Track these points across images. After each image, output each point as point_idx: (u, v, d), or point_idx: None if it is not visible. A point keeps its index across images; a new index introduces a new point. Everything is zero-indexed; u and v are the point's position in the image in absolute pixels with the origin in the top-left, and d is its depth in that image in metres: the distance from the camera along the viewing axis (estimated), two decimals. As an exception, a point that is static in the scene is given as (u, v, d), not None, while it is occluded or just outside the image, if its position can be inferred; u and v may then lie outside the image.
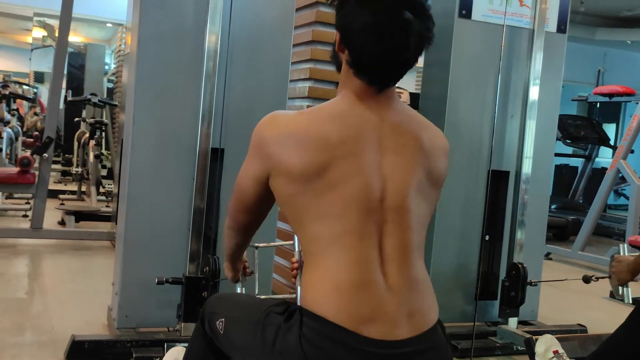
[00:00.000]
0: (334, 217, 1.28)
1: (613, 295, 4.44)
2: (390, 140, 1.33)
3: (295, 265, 1.76)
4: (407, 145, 1.35)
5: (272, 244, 2.07)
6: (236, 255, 1.69)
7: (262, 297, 1.87)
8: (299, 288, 1.76)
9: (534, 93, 3.17)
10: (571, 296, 4.45)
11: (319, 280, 1.27)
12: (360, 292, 1.24)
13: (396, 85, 1.40)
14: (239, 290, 1.88)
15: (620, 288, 2.53)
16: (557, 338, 2.76)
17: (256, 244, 1.96)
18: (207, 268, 2.57)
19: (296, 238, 1.71)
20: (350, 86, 1.37)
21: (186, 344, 1.70)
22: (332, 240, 1.27)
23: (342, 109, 1.35)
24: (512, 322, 3.17)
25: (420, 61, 3.79)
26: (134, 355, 2.51)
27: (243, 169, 1.42)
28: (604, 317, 3.94)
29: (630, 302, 2.56)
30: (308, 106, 3.33)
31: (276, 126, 1.34)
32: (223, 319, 1.45)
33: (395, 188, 1.31)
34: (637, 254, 2.47)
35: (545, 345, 2.72)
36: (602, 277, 2.77)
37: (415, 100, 4.92)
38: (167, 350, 2.32)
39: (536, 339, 2.78)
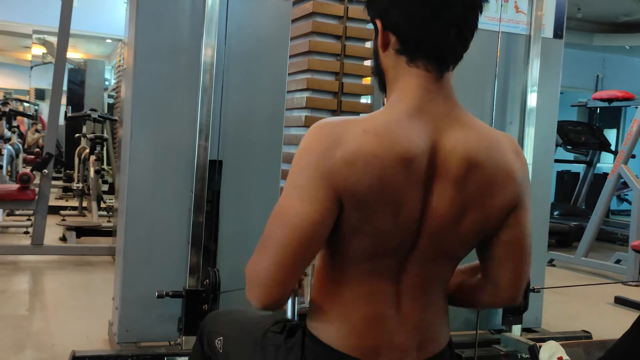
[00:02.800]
0: (359, 252, 1.15)
1: (618, 301, 4.43)
2: (445, 166, 1.12)
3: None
4: (465, 173, 1.13)
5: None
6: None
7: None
8: (296, 299, 1.72)
9: (532, 99, 3.17)
10: (575, 302, 4.42)
11: (327, 308, 1.19)
12: (369, 326, 1.17)
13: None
14: (290, 303, 1.71)
15: None
16: (561, 345, 2.74)
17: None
18: (207, 281, 2.55)
19: None
20: (402, 85, 1.17)
21: (187, 358, 1.68)
22: (351, 274, 1.17)
23: (392, 122, 1.12)
24: (516, 329, 3.14)
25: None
26: (135, 370, 2.49)
27: (299, 207, 1.10)
28: (609, 323, 3.91)
29: None
30: (306, 117, 3.33)
31: (343, 143, 1.09)
32: (221, 338, 1.42)
33: (433, 231, 1.14)
34: None
35: (550, 352, 2.69)
36: None
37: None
38: (167, 365, 2.31)
39: (540, 346, 2.75)
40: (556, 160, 3.61)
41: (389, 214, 1.11)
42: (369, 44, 3.52)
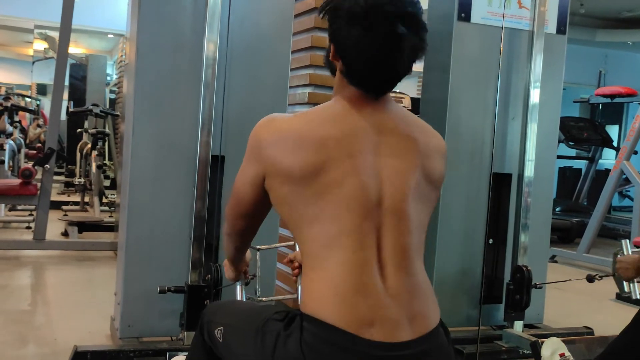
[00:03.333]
0: (330, 219, 1.27)
1: (619, 297, 4.42)
2: (386, 142, 1.33)
3: (296, 264, 1.75)
4: (404, 147, 1.34)
5: (273, 245, 2.07)
6: (236, 258, 1.69)
7: (263, 299, 1.86)
8: (299, 288, 1.75)
9: (534, 95, 3.16)
10: (577, 299, 4.42)
11: (317, 283, 1.26)
12: (359, 296, 1.23)
13: (397, 90, 1.41)
14: (238, 292, 1.87)
15: (626, 285, 2.53)
16: (563, 341, 2.74)
17: (257, 246, 1.95)
18: (209, 276, 2.55)
19: None
20: (344, 92, 1.37)
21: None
22: (329, 243, 1.26)
23: (338, 112, 1.35)
24: (518, 325, 3.14)
25: (420, 66, 3.76)
26: (137, 366, 2.50)
27: (240, 173, 1.42)
28: (610, 319, 3.91)
29: (639, 296, 2.54)
30: (308, 112, 3.32)
31: (273, 128, 1.34)
32: (221, 328, 1.44)
33: (392, 191, 1.30)
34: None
35: (552, 349, 2.70)
36: (606, 276, 2.76)
37: (416, 104, 4.91)
38: (169, 360, 2.31)
39: (542, 342, 2.75)
40: (558, 157, 3.60)
41: (344, 171, 1.27)
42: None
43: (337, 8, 1.32)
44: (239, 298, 1.86)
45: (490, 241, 3.25)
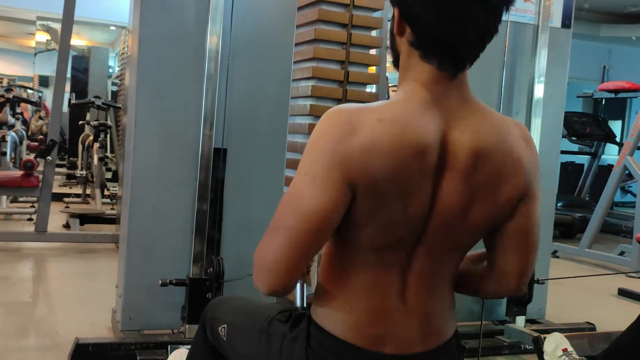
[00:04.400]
0: (381, 229, 1.12)
1: (622, 292, 4.42)
2: (455, 156, 1.11)
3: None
4: (476, 164, 1.11)
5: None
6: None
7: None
8: (298, 285, 1.69)
9: (538, 90, 3.14)
10: (579, 294, 4.41)
11: (333, 298, 1.18)
12: (375, 318, 1.16)
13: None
14: (299, 288, 1.71)
15: None
16: (565, 336, 2.73)
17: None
18: (211, 269, 2.55)
19: None
20: (415, 76, 1.14)
21: (190, 346, 1.68)
22: (359, 264, 1.16)
23: (407, 113, 1.10)
24: (520, 320, 3.14)
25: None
26: (138, 358, 2.49)
27: (311, 193, 1.07)
28: (613, 315, 3.90)
29: None
30: (311, 105, 3.30)
31: (362, 129, 1.07)
32: (225, 325, 1.41)
33: (443, 221, 1.13)
34: None
35: (554, 344, 2.69)
36: None
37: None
38: (170, 353, 2.31)
39: (544, 338, 2.75)
40: (561, 152, 3.58)
41: (400, 204, 1.09)
42: (374, 33, 3.49)
43: None
44: (299, 295, 1.59)
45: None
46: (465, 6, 1.08)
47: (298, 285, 1.56)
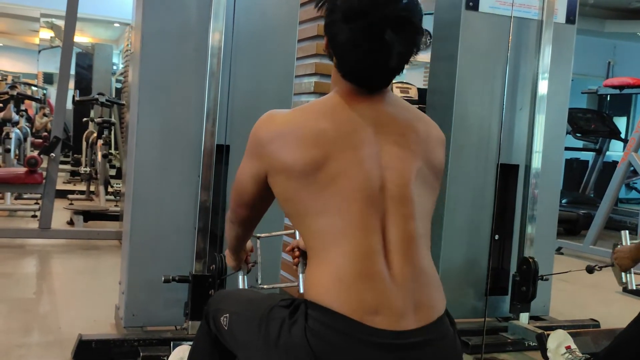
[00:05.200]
0: (336, 211, 1.27)
1: (626, 289, 4.40)
2: (386, 131, 1.34)
3: (297, 253, 1.74)
4: (404, 136, 1.35)
5: (273, 233, 2.06)
6: (237, 246, 1.72)
7: (265, 286, 1.87)
8: (301, 276, 1.75)
9: (542, 86, 3.13)
10: (583, 291, 4.40)
11: (323, 272, 1.26)
12: (364, 283, 1.23)
13: (404, 80, 1.40)
14: (240, 280, 1.88)
15: (623, 275, 2.55)
16: (569, 333, 2.72)
17: (258, 234, 1.95)
18: (214, 266, 2.54)
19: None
20: (340, 85, 1.38)
21: (193, 342, 1.69)
22: (335, 234, 1.26)
23: (335, 104, 1.36)
24: (524, 317, 3.13)
25: (427, 56, 3.72)
26: (141, 354, 2.49)
27: (242, 167, 1.44)
28: (617, 312, 3.89)
29: (634, 287, 2.56)
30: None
31: (273, 125, 1.35)
32: (227, 315, 1.44)
33: (395, 177, 1.30)
34: (638, 241, 2.48)
35: (558, 341, 2.68)
36: (605, 266, 2.76)
37: (423, 95, 4.88)
38: (173, 349, 2.31)
39: (548, 335, 2.74)
40: (565, 148, 3.57)
41: (349, 161, 1.28)
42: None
43: (333, 2, 1.32)
44: (241, 286, 1.87)
45: (496, 237, 3.23)
46: (375, 59, 1.29)
47: (300, 269, 1.73)
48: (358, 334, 1.20)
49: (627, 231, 2.70)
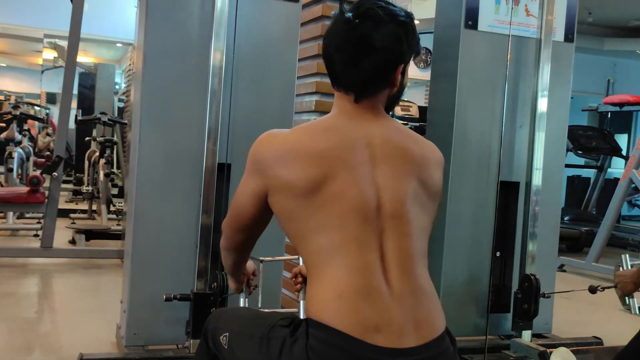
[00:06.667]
0: (333, 228, 1.29)
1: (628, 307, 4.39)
2: (380, 151, 1.37)
3: (299, 279, 1.75)
4: (399, 156, 1.38)
5: (277, 258, 2.06)
6: (236, 270, 1.72)
7: (267, 310, 1.86)
8: (302, 303, 1.75)
9: (542, 103, 3.14)
10: (586, 308, 4.38)
11: (323, 289, 1.27)
12: (364, 299, 1.24)
13: (404, 98, 1.43)
14: (241, 303, 1.87)
15: (626, 299, 2.53)
16: (572, 351, 2.71)
17: (261, 258, 1.95)
18: (215, 284, 2.55)
19: None
20: (339, 103, 1.44)
21: (193, 359, 1.68)
22: (333, 251, 1.27)
23: (334, 124, 1.41)
24: (526, 335, 3.11)
25: (428, 74, 3.75)
26: (142, 374, 2.49)
27: (242, 187, 1.45)
28: (620, 329, 3.87)
29: (637, 312, 2.54)
30: (315, 120, 3.32)
31: (273, 144, 1.37)
32: (227, 334, 1.44)
33: (390, 196, 1.33)
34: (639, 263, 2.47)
35: (561, 359, 2.67)
36: (608, 287, 2.75)
37: (424, 113, 4.89)
38: (175, 368, 2.30)
39: (551, 352, 2.73)
40: (567, 165, 3.57)
41: (347, 181, 1.30)
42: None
43: (336, 14, 1.43)
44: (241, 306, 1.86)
45: (498, 254, 3.23)
46: (359, 60, 1.38)
47: (301, 296, 1.66)
48: (360, 352, 1.20)
49: (627, 255, 2.70)
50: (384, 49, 1.37)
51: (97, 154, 6.93)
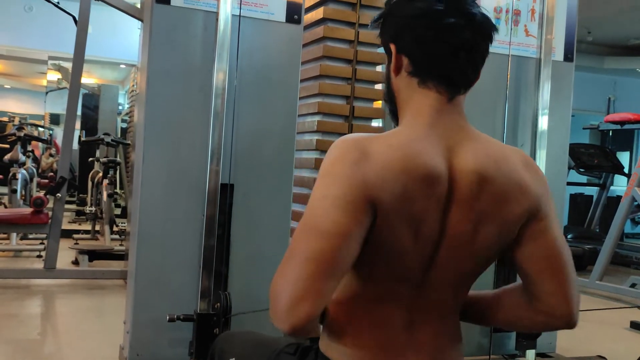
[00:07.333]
0: (384, 264, 1.14)
1: (634, 325, 4.36)
2: (467, 194, 1.14)
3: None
4: (502, 200, 1.16)
5: None
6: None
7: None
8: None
9: (543, 122, 3.16)
10: (590, 327, 4.36)
11: (343, 329, 1.19)
12: (383, 352, 1.17)
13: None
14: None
15: None
16: (576, 370, 2.70)
17: None
18: (219, 304, 2.55)
19: None
20: (415, 106, 1.20)
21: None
22: (368, 292, 1.18)
23: (412, 139, 1.15)
24: (530, 354, 3.10)
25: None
26: (145, 395, 2.48)
27: (336, 219, 1.05)
28: (625, 348, 3.85)
29: None
30: (317, 140, 3.34)
31: (377, 165, 1.09)
32: (234, 358, 1.42)
33: (443, 277, 1.18)
34: None
35: (565, 378, 2.65)
36: None
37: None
38: (178, 389, 2.30)
39: (555, 372, 2.71)
40: (569, 183, 3.58)
41: (410, 232, 1.11)
42: (379, 68, 3.54)
43: (401, 8, 1.21)
44: None
45: (501, 272, 3.23)
46: (451, 30, 1.16)
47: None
48: None
49: None
50: None
51: (101, 174, 6.96)
